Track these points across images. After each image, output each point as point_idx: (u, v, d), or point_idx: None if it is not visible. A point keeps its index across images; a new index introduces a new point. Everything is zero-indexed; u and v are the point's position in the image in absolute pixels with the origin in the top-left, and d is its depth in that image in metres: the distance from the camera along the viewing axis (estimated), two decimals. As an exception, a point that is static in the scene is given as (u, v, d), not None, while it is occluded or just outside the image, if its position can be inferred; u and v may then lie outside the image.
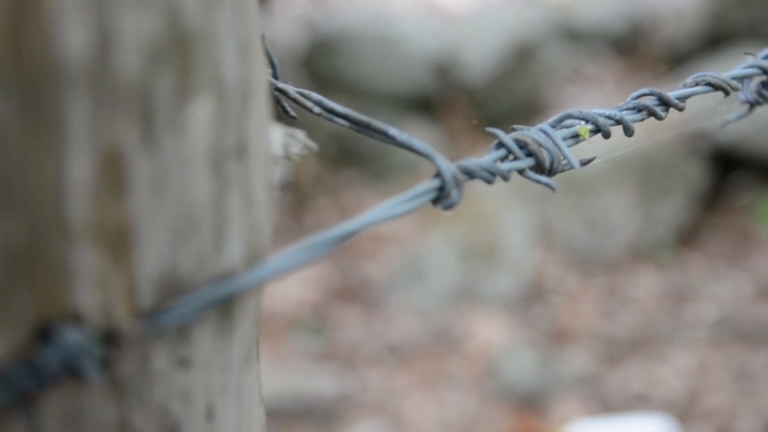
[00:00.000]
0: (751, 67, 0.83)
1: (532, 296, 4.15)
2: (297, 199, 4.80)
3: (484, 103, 5.18)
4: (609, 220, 4.36)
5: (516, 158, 0.62)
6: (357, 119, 0.55)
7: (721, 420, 3.44)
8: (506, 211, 4.38)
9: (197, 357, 0.43)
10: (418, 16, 5.56)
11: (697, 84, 0.78)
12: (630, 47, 5.52)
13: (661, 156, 4.38)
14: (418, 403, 3.65)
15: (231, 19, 0.41)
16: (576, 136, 0.67)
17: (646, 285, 4.14)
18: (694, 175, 4.44)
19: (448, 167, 0.54)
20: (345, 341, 3.99)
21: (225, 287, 0.42)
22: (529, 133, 0.63)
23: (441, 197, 0.55)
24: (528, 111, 5.16)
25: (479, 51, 5.22)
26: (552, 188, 0.61)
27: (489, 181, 0.58)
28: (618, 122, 0.70)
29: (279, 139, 0.49)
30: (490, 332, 3.94)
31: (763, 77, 0.84)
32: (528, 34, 5.34)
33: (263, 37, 0.59)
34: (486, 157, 0.60)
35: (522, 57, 5.26)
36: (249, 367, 0.49)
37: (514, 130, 0.65)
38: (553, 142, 0.63)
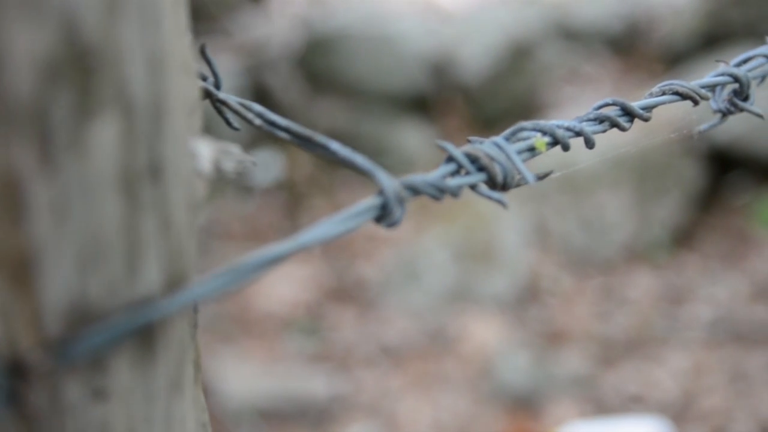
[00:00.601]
0: (722, 75, 0.80)
1: (528, 297, 4.13)
2: (292, 198, 4.78)
3: (480, 103, 5.16)
4: (605, 221, 4.34)
5: (467, 173, 0.59)
6: (298, 133, 0.53)
7: (716, 422, 3.42)
8: (501, 211, 4.36)
9: (115, 388, 0.41)
10: (414, 16, 5.54)
11: (663, 93, 0.75)
12: (627, 46, 5.50)
13: (657, 156, 4.36)
14: (412, 404, 3.63)
15: (138, 32, 0.38)
16: (532, 149, 0.64)
17: (641, 286, 4.12)
18: (691, 175, 4.42)
19: (391, 184, 0.52)
20: (339, 342, 3.97)
21: (141, 314, 0.39)
22: (482, 147, 0.61)
23: (383, 215, 0.52)
24: (524, 110, 5.14)
25: (475, 50, 5.19)
26: (503, 205, 0.59)
27: (437, 198, 0.56)
28: (578, 134, 0.67)
29: (209, 156, 0.47)
30: (485, 333, 3.93)
31: (735, 85, 0.81)
32: (524, 33, 5.32)
33: (203, 46, 0.56)
34: (434, 173, 0.58)
35: (518, 56, 5.24)
36: (179, 393, 0.46)
37: (469, 142, 0.63)
38: (507, 155, 0.60)
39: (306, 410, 3.61)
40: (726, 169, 4.48)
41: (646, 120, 0.72)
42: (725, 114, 0.83)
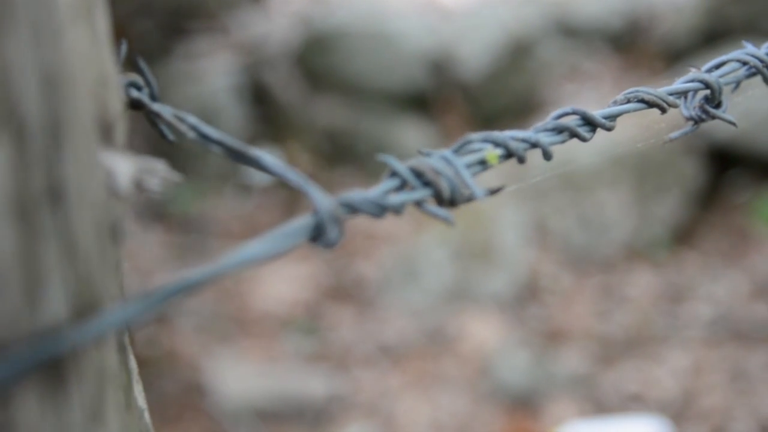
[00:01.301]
0: (692, 81, 0.78)
1: (527, 296, 4.12)
2: (290, 197, 4.76)
3: (480, 100, 5.14)
4: (605, 219, 4.32)
5: (413, 188, 0.57)
6: (231, 147, 0.51)
7: (716, 421, 3.41)
8: (501, 209, 4.34)
9: (21, 423, 0.39)
10: (413, 13, 5.52)
11: (628, 101, 0.72)
12: (627, 44, 5.47)
13: (657, 153, 4.33)
14: (410, 404, 3.62)
15: (30, 49, 0.36)
16: (484, 163, 0.61)
17: (641, 284, 4.10)
18: (691, 173, 4.40)
19: (325, 202, 0.50)
20: (338, 341, 3.96)
21: (45, 345, 0.38)
22: (429, 161, 0.58)
23: (318, 236, 0.50)
24: (524, 108, 5.12)
25: (475, 48, 5.17)
26: (450, 222, 0.57)
27: (377, 216, 0.54)
28: (534, 145, 0.65)
29: (128, 174, 0.45)
30: (484, 332, 3.91)
31: (706, 92, 0.79)
32: (524, 30, 5.30)
33: (136, 55, 0.54)
34: (376, 188, 0.55)
35: (518, 53, 5.22)
36: (99, 424, 0.44)
37: (422, 154, 0.61)
38: (455, 169, 0.58)
39: (304, 410, 3.60)
40: (726, 167, 4.45)
41: (609, 129, 0.70)
42: (697, 121, 0.81)
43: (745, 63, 0.83)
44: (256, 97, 5.12)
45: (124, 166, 0.44)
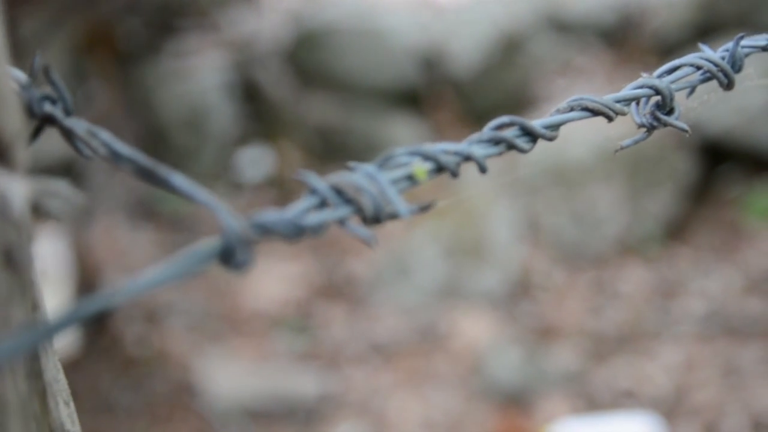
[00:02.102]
0: (642, 87, 0.75)
1: (519, 292, 4.10)
2: (281, 195, 4.75)
3: (471, 97, 5.12)
4: (597, 214, 4.30)
5: (334, 206, 0.54)
6: (141, 165, 0.49)
7: (708, 416, 3.40)
8: (492, 205, 4.33)
9: None
10: (404, 9, 5.50)
11: (572, 109, 0.69)
12: (620, 38, 5.45)
13: (649, 149, 4.32)
14: (402, 402, 3.61)
15: None
16: (412, 178, 0.58)
17: (634, 280, 4.09)
18: (683, 167, 4.38)
19: (234, 224, 0.47)
20: (329, 340, 3.95)
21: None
22: (350, 177, 0.55)
23: (227, 259, 0.47)
24: (517, 104, 5.10)
25: (466, 44, 5.16)
26: (371, 244, 0.54)
27: (295, 238, 0.51)
28: (467, 158, 0.62)
29: (23, 197, 0.42)
30: (476, 329, 3.90)
31: (657, 98, 0.76)
32: (516, 26, 5.28)
33: (47, 68, 0.52)
34: (293, 207, 0.53)
35: (510, 49, 5.20)
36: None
37: (348, 169, 0.58)
38: (378, 186, 0.55)
39: (295, 409, 3.59)
40: (718, 162, 4.44)
41: (550, 139, 0.67)
42: (649, 129, 0.77)
43: (699, 67, 0.80)
44: (247, 95, 5.10)
45: (18, 189, 0.42)
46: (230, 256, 0.46)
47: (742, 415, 3.37)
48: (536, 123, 0.66)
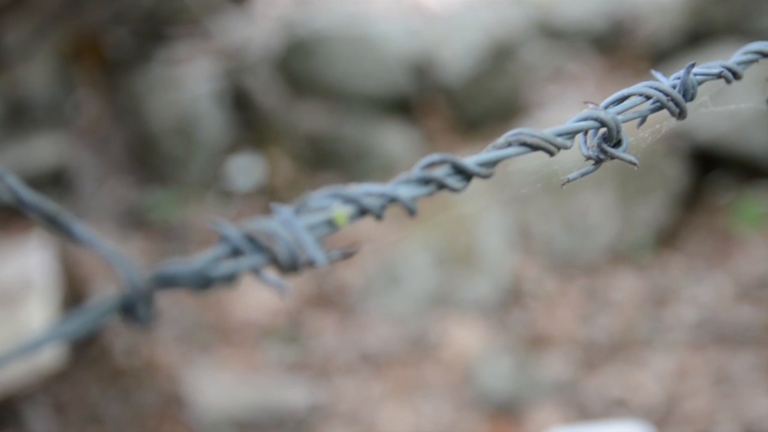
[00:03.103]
0: (587, 119, 0.72)
1: (510, 301, 4.09)
2: (272, 203, 4.73)
3: (463, 104, 5.11)
4: (588, 222, 4.29)
5: (247, 254, 0.51)
6: (44, 212, 0.47)
7: (699, 425, 3.39)
8: (483, 213, 4.31)
9: None
10: (394, 16, 5.49)
11: (509, 144, 0.66)
12: (611, 45, 5.45)
13: (639, 155, 4.29)
14: (392, 412, 3.59)
15: None
16: (332, 223, 0.55)
17: (625, 287, 4.08)
18: (674, 174, 4.37)
19: (134, 277, 0.45)
20: (319, 350, 3.93)
21: None
22: (267, 223, 0.53)
23: (127, 313, 0.45)
24: (508, 111, 5.09)
25: (457, 51, 5.14)
26: (284, 294, 0.52)
27: (203, 289, 0.49)
28: (393, 200, 0.58)
29: None
30: (467, 338, 3.88)
31: (603, 130, 0.73)
32: (507, 32, 5.27)
33: None
34: (203, 255, 0.50)
35: (501, 56, 5.19)
36: None
37: (272, 212, 0.55)
38: (294, 233, 0.53)
39: (284, 420, 3.57)
40: (709, 168, 4.43)
41: (485, 177, 0.64)
42: (597, 161, 0.75)
43: (648, 97, 0.77)
44: (237, 103, 5.09)
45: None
46: (131, 311, 0.44)
47: (734, 424, 3.36)
48: (470, 160, 0.63)
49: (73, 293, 3.80)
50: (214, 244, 0.51)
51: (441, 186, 0.61)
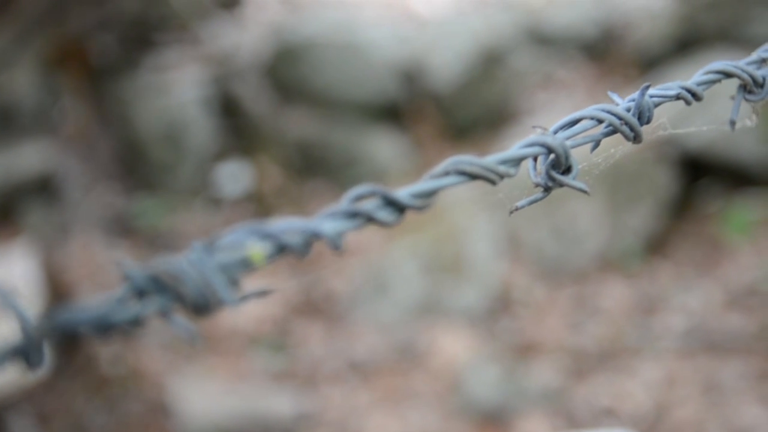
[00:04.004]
0: (534, 145, 0.69)
1: (499, 309, 4.07)
2: (261, 210, 4.71)
3: (452, 111, 5.09)
4: (577, 229, 4.27)
5: (153, 298, 0.49)
6: None
7: (688, 434, 3.37)
8: (472, 221, 4.29)
9: None
10: (384, 23, 5.47)
11: (447, 173, 0.63)
12: (602, 51, 5.44)
13: (629, 163, 4.29)
14: (380, 421, 3.57)
15: None
16: (248, 263, 0.52)
17: (614, 295, 4.06)
18: (663, 182, 4.36)
19: (26, 326, 0.42)
20: (306, 358, 3.90)
21: None
22: (174, 263, 0.49)
23: (23, 358, 0.43)
24: (498, 118, 5.08)
25: (447, 57, 5.13)
26: (194, 340, 0.49)
27: (103, 335, 0.46)
28: (315, 236, 0.54)
29: None
30: (455, 347, 3.86)
31: (551, 156, 0.70)
32: (497, 39, 5.26)
33: None
34: (106, 299, 0.47)
35: (491, 63, 5.18)
36: None
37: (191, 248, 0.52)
38: (203, 273, 0.49)
39: (270, 429, 3.54)
40: (698, 176, 4.41)
41: (420, 209, 0.60)
42: (545, 189, 0.71)
43: (600, 121, 0.74)
44: (226, 109, 5.07)
45: None
46: (26, 358, 0.42)
47: (723, 432, 3.35)
48: (404, 192, 0.59)
49: (58, 301, 3.77)
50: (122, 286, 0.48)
51: (370, 220, 0.57)
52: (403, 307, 4.05)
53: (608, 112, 0.73)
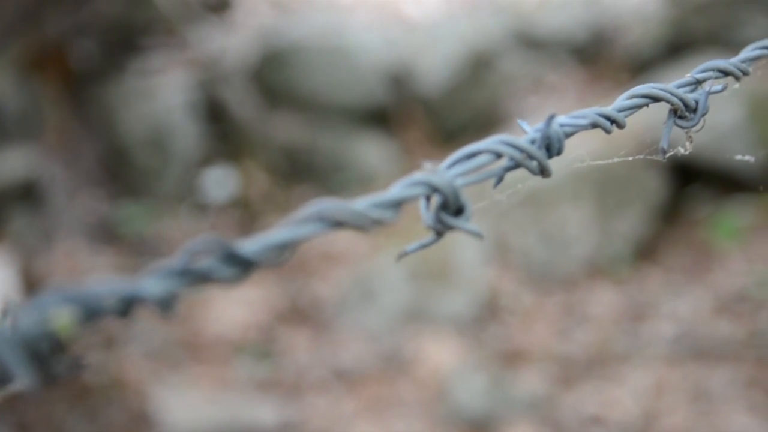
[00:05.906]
0: (417, 185, 0.61)
1: (486, 316, 4.03)
2: (247, 216, 4.67)
3: (441, 115, 5.06)
4: (566, 235, 4.23)
5: None
6: None
7: (677, 443, 3.34)
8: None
9: None
10: (372, 27, 5.44)
11: (307, 220, 0.54)
12: (592, 55, 5.41)
13: (618, 168, 4.26)
14: (365, 430, 3.53)
15: None
16: (52, 335, 0.45)
17: (603, 302, 4.02)
18: (652, 187, 4.32)
19: None
20: (291, 366, 3.86)
21: None
22: None
23: None
24: (487, 122, 5.04)
25: (435, 61, 5.09)
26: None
27: None
28: (137, 299, 0.47)
29: None
30: (442, 354, 3.82)
31: (438, 198, 0.62)
32: (486, 43, 5.22)
33: None
34: None
35: (479, 67, 5.14)
36: None
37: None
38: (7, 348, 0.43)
39: (253, 439, 3.50)
40: (688, 181, 4.38)
41: (271, 265, 0.52)
42: (437, 233, 0.64)
43: (500, 155, 0.66)
44: (212, 114, 5.02)
45: None
46: None
47: (712, 441, 3.31)
48: (253, 246, 0.52)
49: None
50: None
51: (206, 280, 0.49)
52: (389, 314, 4.01)
53: (510, 144, 0.66)
